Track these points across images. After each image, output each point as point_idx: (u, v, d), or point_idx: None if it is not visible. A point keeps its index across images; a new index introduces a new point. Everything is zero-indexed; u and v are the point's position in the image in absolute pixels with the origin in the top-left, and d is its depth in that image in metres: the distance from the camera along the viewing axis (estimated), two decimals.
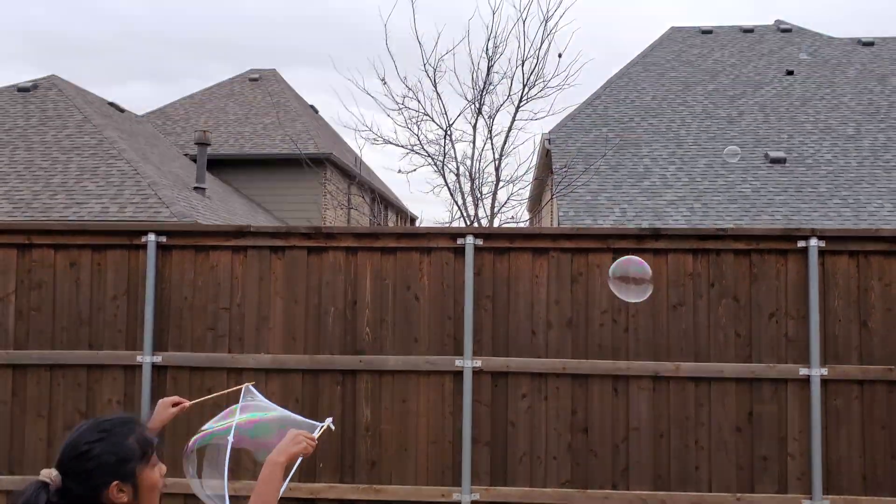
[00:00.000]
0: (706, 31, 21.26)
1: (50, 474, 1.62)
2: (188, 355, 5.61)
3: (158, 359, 5.60)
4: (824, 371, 5.29)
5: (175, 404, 2.20)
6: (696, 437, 5.37)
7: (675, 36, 21.21)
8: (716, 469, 5.35)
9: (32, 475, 5.71)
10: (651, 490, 5.35)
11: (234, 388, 2.37)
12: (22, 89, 17.84)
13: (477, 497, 5.41)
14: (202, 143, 17.07)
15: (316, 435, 1.98)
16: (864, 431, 5.30)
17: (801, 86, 18.35)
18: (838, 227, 12.66)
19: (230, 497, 2.17)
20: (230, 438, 2.11)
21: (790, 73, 18.83)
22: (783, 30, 21.19)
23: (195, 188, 16.35)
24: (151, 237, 5.66)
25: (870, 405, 5.32)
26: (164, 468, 1.80)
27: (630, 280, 4.77)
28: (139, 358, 5.60)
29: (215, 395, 2.40)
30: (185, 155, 20.08)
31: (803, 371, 5.30)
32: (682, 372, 5.39)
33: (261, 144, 21.61)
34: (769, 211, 14.10)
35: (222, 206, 16.89)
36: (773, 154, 15.65)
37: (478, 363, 5.50)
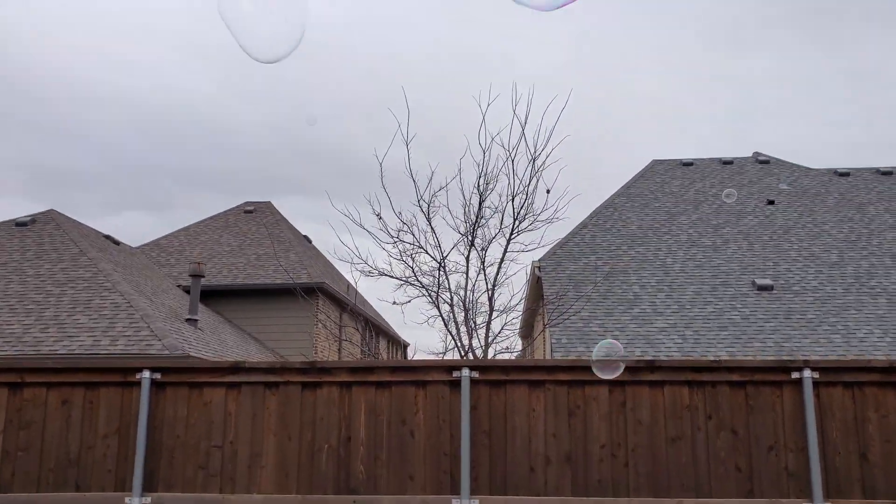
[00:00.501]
0: (687, 164, 22.04)
1: None
2: (178, 496, 5.47)
3: (148, 500, 5.45)
4: None
5: None
6: None
7: (658, 168, 21.97)
8: None
9: None
10: None
11: None
12: (20, 224, 18.13)
13: None
14: (196, 275, 17.21)
15: None
16: None
17: (782, 215, 18.87)
18: (831, 358, 12.72)
19: None
20: None
21: (771, 202, 19.40)
22: (761, 161, 22.00)
23: (187, 319, 16.34)
24: (146, 374, 5.63)
25: None
26: None
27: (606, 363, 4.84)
28: (128, 500, 5.45)
29: None
30: (179, 286, 20.18)
31: None
32: None
33: (254, 275, 21.78)
34: (760, 338, 14.16)
35: (214, 338, 16.83)
36: (759, 281, 15.89)
37: (475, 502, 5.37)
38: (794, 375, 5.42)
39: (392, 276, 10.03)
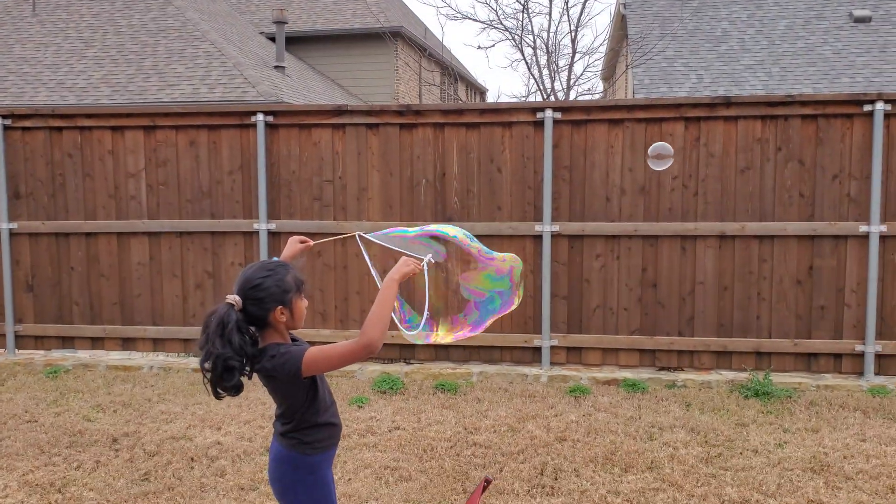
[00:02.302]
0: None
1: (235, 299, 2.16)
2: (299, 222, 6.34)
3: (273, 226, 6.35)
4: (883, 228, 5.65)
5: (301, 242, 2.72)
6: (758, 289, 5.88)
7: None
8: (776, 318, 5.88)
9: (174, 327, 6.65)
10: (714, 337, 5.94)
11: (346, 235, 2.95)
12: None
13: (555, 343, 6.12)
14: (280, 22, 17.41)
15: (423, 265, 2.45)
16: None
17: None
18: None
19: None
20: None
21: None
22: None
23: (275, 67, 16.86)
24: (260, 117, 6.28)
25: None
26: (307, 301, 2.34)
27: (657, 156, 5.17)
28: (255, 225, 6.36)
29: (330, 238, 2.95)
30: (262, 33, 20.47)
31: (863, 228, 5.68)
32: (747, 231, 5.84)
33: (332, 20, 21.76)
34: (849, 73, 13.80)
35: (301, 84, 17.41)
36: (857, 13, 15.08)
37: (556, 227, 6.06)
38: (867, 108, 5.63)
39: (475, 20, 10.12)
